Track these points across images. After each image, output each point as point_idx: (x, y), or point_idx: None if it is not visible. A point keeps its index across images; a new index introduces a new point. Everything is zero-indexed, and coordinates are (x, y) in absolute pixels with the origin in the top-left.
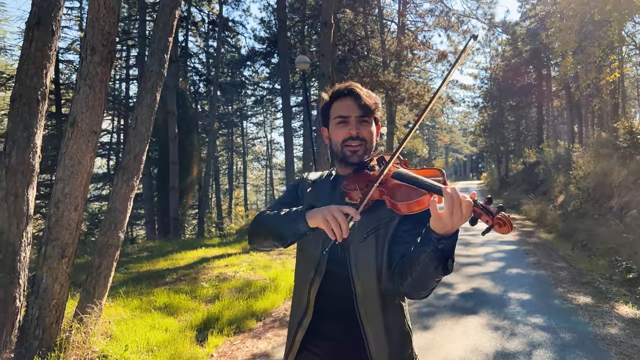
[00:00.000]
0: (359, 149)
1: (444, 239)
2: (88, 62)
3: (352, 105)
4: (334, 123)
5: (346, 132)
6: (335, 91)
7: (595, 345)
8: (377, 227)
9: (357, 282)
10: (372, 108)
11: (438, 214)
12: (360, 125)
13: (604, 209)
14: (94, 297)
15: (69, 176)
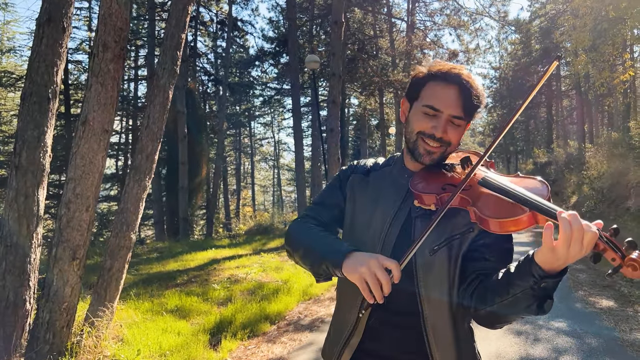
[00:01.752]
0: (437, 151)
1: (549, 278)
2: (100, 59)
3: (453, 99)
4: (420, 107)
5: (430, 127)
6: (441, 70)
7: (624, 351)
8: (452, 237)
9: (426, 300)
10: (474, 109)
11: (552, 245)
12: (451, 126)
13: (621, 210)
14: (106, 300)
15: (80, 176)
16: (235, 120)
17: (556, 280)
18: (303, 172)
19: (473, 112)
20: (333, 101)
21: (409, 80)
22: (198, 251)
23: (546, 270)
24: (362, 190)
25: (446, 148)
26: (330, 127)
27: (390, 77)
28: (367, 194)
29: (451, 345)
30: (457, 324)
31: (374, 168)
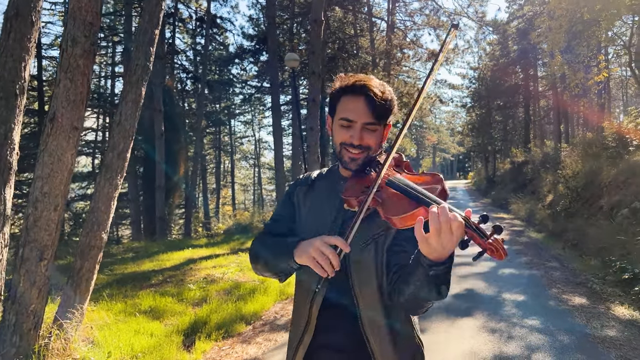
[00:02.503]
0: (359, 157)
1: (436, 266)
2: (69, 54)
3: (361, 109)
4: (338, 122)
5: (348, 137)
6: (347, 84)
7: (595, 347)
8: (377, 234)
9: (359, 293)
10: (385, 113)
11: (424, 236)
12: (365, 132)
13: (594, 208)
14: (75, 302)
15: (49, 174)
16: (215, 118)
17: (443, 267)
18: (283, 171)
19: (384, 115)
20: (313, 100)
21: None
22: (175, 251)
23: (432, 259)
24: (306, 200)
25: (367, 152)
26: (310, 126)
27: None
28: (310, 203)
29: (387, 336)
30: (392, 315)
31: (317, 179)
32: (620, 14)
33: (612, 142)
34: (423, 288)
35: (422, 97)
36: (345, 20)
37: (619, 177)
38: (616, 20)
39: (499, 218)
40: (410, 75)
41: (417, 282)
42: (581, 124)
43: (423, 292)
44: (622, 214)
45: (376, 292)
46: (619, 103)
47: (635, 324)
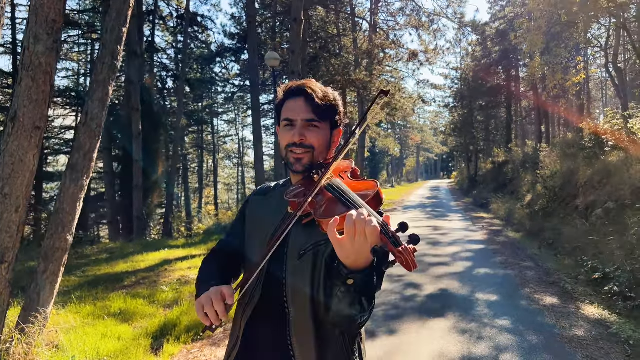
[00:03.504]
0: (304, 157)
1: (354, 273)
2: (31, 52)
3: (301, 107)
4: (282, 125)
5: (290, 137)
6: (287, 89)
7: (562, 348)
8: (317, 243)
9: (292, 305)
10: (325, 110)
11: (337, 240)
12: (307, 130)
13: (570, 208)
14: (39, 305)
15: (10, 175)
16: (197, 117)
17: (361, 275)
18: (262, 170)
19: (326, 112)
20: None
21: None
22: (151, 252)
23: (349, 266)
24: (258, 208)
25: (312, 152)
26: None
27: (352, 76)
28: (261, 211)
29: (313, 349)
30: (322, 328)
31: (274, 188)
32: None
33: (589, 143)
34: (345, 299)
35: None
36: (328, 20)
37: (594, 178)
38: (593, 22)
39: (479, 217)
40: (394, 75)
41: (339, 294)
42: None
43: (344, 304)
44: (596, 214)
45: (308, 301)
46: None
47: (603, 323)
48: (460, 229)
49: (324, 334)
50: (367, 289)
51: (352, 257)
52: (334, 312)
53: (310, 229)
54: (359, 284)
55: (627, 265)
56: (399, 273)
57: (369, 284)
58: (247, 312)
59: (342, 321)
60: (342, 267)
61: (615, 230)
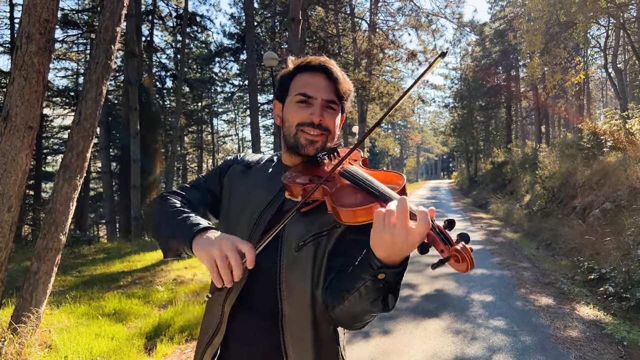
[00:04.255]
0: (319, 139)
1: (387, 268)
2: (23, 52)
3: (323, 85)
4: (293, 100)
5: (306, 115)
6: (304, 62)
7: (556, 348)
8: (319, 234)
9: (286, 301)
10: (346, 95)
11: (380, 231)
12: (326, 111)
13: (568, 208)
14: (31, 305)
15: (2, 175)
16: (196, 117)
17: (395, 271)
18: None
19: (344, 98)
20: None
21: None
22: (147, 251)
23: (383, 260)
24: (241, 181)
25: (327, 136)
26: None
27: (352, 76)
28: (244, 185)
29: (309, 347)
30: (319, 325)
31: (257, 162)
32: (596, 16)
33: (588, 143)
34: (367, 295)
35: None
36: (327, 20)
37: (592, 178)
38: (592, 23)
39: (478, 218)
40: (393, 75)
41: (361, 288)
42: (562, 125)
43: (366, 300)
44: (593, 215)
45: (308, 298)
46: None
47: (597, 324)
48: (459, 229)
49: (320, 332)
50: (395, 287)
51: (393, 251)
52: (345, 307)
53: (309, 218)
54: (390, 279)
55: (623, 266)
56: None
57: (398, 282)
58: (233, 296)
59: (351, 318)
60: (375, 260)
61: (611, 231)
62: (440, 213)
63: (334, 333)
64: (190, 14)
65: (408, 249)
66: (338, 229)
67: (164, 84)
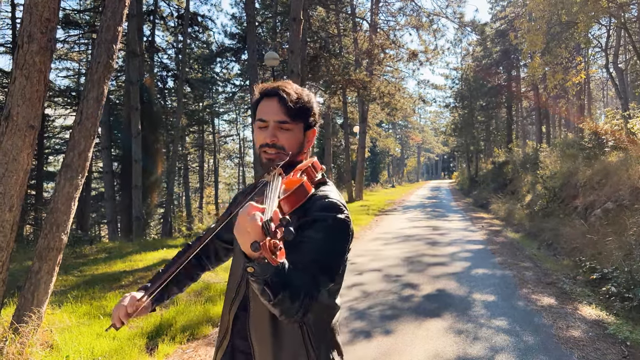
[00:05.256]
0: (276, 157)
1: (251, 262)
2: (25, 51)
3: (274, 108)
4: (255, 125)
5: (263, 137)
6: (262, 89)
7: (558, 348)
8: None
9: (252, 300)
10: (297, 112)
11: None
12: (279, 131)
13: (569, 208)
14: (33, 305)
15: (3, 174)
16: (197, 117)
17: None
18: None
19: (300, 115)
20: None
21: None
22: (149, 251)
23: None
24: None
25: (284, 152)
26: None
27: (352, 76)
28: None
29: (268, 341)
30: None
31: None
32: (597, 16)
33: (589, 143)
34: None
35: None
36: (328, 20)
37: (594, 178)
38: (593, 22)
39: (479, 218)
40: (394, 75)
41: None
42: (562, 125)
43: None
44: (595, 215)
45: None
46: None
47: (600, 324)
48: (460, 229)
49: (278, 325)
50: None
51: (243, 248)
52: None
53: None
54: (259, 272)
55: (625, 265)
56: (397, 273)
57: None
58: (234, 307)
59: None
60: (244, 256)
61: (613, 231)
62: (440, 213)
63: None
64: (192, 14)
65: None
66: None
67: (165, 84)
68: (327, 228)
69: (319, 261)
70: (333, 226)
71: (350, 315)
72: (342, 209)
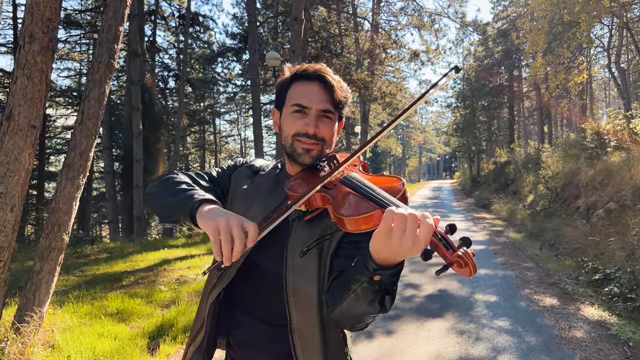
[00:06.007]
0: (314, 148)
1: (383, 270)
2: (26, 51)
3: (318, 94)
4: (289, 109)
5: (302, 125)
6: (300, 70)
7: (561, 349)
8: (322, 237)
9: (293, 307)
10: (342, 103)
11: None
12: (322, 121)
13: (571, 208)
14: (34, 305)
15: (5, 174)
16: (198, 117)
17: (390, 272)
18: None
19: (340, 105)
20: None
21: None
22: (150, 251)
23: (379, 262)
24: (245, 185)
25: (322, 145)
26: None
27: (354, 76)
28: (248, 190)
29: (318, 351)
30: (327, 329)
31: (259, 170)
32: (599, 16)
33: (591, 143)
34: (364, 297)
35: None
36: (330, 20)
37: (596, 178)
38: (595, 22)
39: (481, 218)
40: (396, 75)
41: (358, 289)
42: (564, 125)
43: (363, 301)
44: (597, 215)
45: (315, 303)
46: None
47: (603, 324)
48: (462, 229)
49: (329, 336)
50: (391, 287)
51: (392, 254)
52: (343, 309)
53: (313, 225)
54: (385, 281)
55: (628, 266)
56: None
57: (394, 283)
58: (213, 294)
59: (350, 319)
60: (372, 262)
61: (616, 231)
62: (442, 213)
63: (342, 335)
64: (193, 14)
65: (410, 254)
66: (340, 231)
67: (166, 84)
68: None
69: None
70: None
71: None
72: None
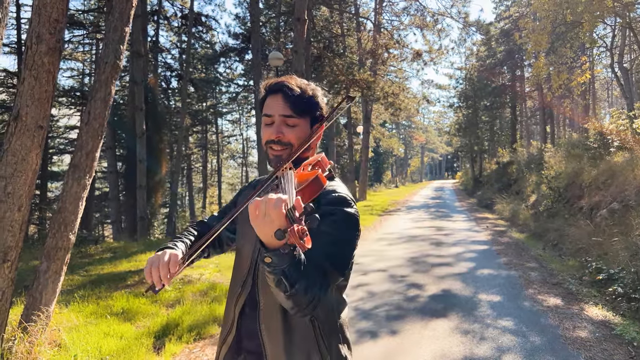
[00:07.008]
0: (282, 153)
1: (270, 251)
2: (33, 52)
3: (279, 103)
4: (262, 121)
5: (269, 134)
6: (267, 85)
7: (565, 349)
8: None
9: (262, 295)
10: (302, 106)
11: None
12: (285, 127)
13: (575, 209)
14: (41, 304)
15: (12, 174)
16: (201, 117)
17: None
18: (266, 170)
19: (304, 108)
20: None
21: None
22: (154, 251)
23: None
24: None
25: (290, 148)
26: None
27: (356, 76)
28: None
29: (280, 336)
30: (288, 314)
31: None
32: (602, 16)
33: (594, 143)
34: (270, 279)
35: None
36: (332, 20)
37: (599, 178)
38: (598, 22)
39: (483, 218)
40: (398, 75)
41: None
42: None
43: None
44: (600, 215)
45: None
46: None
47: (607, 324)
48: (464, 229)
49: (290, 321)
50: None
51: (263, 237)
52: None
53: None
54: (276, 262)
55: (632, 266)
56: (402, 273)
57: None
58: (240, 301)
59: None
60: (262, 246)
61: (619, 231)
62: (444, 213)
63: (312, 325)
64: (196, 14)
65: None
66: None
67: (169, 84)
68: (337, 222)
69: (330, 255)
70: (343, 220)
71: (356, 316)
72: (351, 203)
